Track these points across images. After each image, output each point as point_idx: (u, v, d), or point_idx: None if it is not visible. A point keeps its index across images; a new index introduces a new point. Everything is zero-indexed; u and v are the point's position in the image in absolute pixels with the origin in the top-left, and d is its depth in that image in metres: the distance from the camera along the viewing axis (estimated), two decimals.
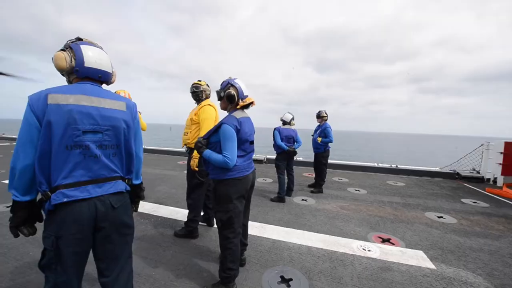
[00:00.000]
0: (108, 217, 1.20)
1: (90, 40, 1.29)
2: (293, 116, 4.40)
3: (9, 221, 1.15)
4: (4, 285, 1.84)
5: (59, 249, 1.10)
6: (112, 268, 1.27)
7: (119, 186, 1.27)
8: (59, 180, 1.10)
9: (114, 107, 1.25)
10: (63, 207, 1.10)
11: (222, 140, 1.66)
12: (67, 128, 1.10)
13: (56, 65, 1.20)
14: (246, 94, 1.82)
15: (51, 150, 1.09)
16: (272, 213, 3.46)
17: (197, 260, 2.24)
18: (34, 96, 1.10)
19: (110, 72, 1.32)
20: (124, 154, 1.31)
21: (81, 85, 1.20)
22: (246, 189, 1.81)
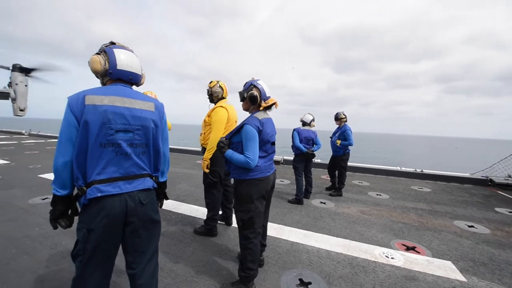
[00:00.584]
0: (137, 213, 1.26)
1: (122, 44, 1.36)
2: (313, 117, 4.34)
3: (49, 214, 1.24)
4: (41, 272, 1.99)
5: (90, 241, 1.17)
6: (139, 261, 1.33)
7: (147, 183, 1.33)
8: (93, 176, 1.17)
9: (144, 107, 1.31)
10: (96, 202, 1.17)
11: (244, 140, 1.68)
12: (102, 127, 1.17)
13: (92, 67, 1.28)
14: (268, 95, 1.83)
15: (88, 147, 1.16)
16: (290, 215, 3.43)
17: (216, 258, 2.28)
18: (73, 97, 1.18)
19: (140, 74, 1.39)
20: (152, 152, 1.36)
21: (114, 87, 1.27)
22: (266, 190, 1.81)
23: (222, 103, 2.66)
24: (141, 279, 1.34)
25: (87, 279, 1.20)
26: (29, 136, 13.89)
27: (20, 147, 9.31)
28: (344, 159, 4.60)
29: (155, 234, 1.39)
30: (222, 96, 2.73)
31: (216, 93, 2.71)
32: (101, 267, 1.24)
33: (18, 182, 4.50)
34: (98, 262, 1.21)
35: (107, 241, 1.21)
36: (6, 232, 2.60)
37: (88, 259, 1.18)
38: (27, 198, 3.66)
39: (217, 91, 2.71)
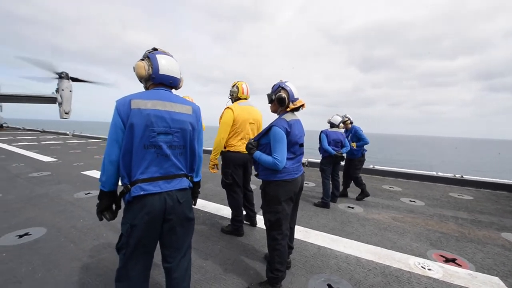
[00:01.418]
0: (175, 211, 1.34)
1: (163, 49, 1.44)
2: (342, 118, 4.21)
3: (96, 207, 1.36)
4: (85, 260, 2.19)
5: (132, 236, 1.26)
6: (174, 256, 1.41)
7: (184, 183, 1.41)
8: (137, 175, 1.27)
9: (182, 111, 1.39)
10: (139, 199, 1.26)
11: (272, 142, 1.70)
12: (146, 129, 1.26)
13: (137, 73, 1.38)
14: (296, 97, 1.82)
15: (132, 149, 1.25)
16: (316, 218, 3.36)
17: (243, 257, 2.32)
18: (120, 101, 1.28)
19: (179, 78, 1.47)
20: (188, 153, 1.44)
21: (157, 91, 1.36)
22: (294, 192, 1.81)
23: (233, 105, 2.69)
24: (176, 273, 1.41)
25: (130, 270, 1.30)
26: (72, 136, 15.36)
27: (65, 146, 10.30)
28: (362, 161, 4.41)
29: (189, 231, 1.46)
30: (238, 96, 2.74)
31: (231, 92, 2.76)
32: (142, 259, 1.33)
33: (64, 178, 4.99)
34: (139, 255, 1.30)
35: (147, 237, 1.30)
36: (56, 223, 2.90)
37: (131, 252, 1.28)
38: (72, 193, 4.04)
39: (233, 90, 2.75)
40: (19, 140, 12.06)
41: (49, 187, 4.35)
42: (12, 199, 3.67)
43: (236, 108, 2.61)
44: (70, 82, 22.33)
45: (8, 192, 3.96)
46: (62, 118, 22.93)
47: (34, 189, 4.18)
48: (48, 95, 22.38)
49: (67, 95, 22.29)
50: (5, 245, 2.38)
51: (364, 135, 4.33)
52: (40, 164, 6.39)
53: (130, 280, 1.30)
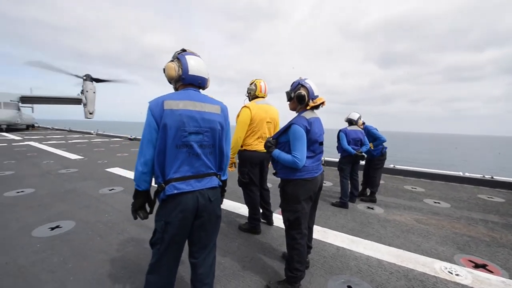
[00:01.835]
0: (206, 209, 1.37)
1: (191, 50, 1.47)
2: (360, 114, 4.09)
3: (131, 206, 1.41)
4: (111, 253, 2.29)
5: (167, 232, 1.31)
6: (201, 252, 1.45)
7: (214, 182, 1.44)
8: (170, 174, 1.30)
9: (212, 110, 1.41)
10: (173, 198, 1.30)
11: (291, 140, 1.68)
12: (178, 130, 1.29)
13: (167, 74, 1.41)
14: (316, 94, 1.79)
15: (166, 148, 1.29)
16: (334, 218, 3.30)
17: (261, 255, 2.32)
18: (153, 103, 1.31)
19: (207, 78, 1.49)
20: (217, 153, 1.47)
21: (187, 92, 1.39)
22: (314, 191, 1.78)
23: (250, 103, 2.68)
24: (202, 269, 1.45)
25: (162, 265, 1.35)
26: (96, 135, 16.15)
27: (90, 145, 10.86)
28: (382, 160, 4.23)
29: (217, 229, 1.50)
30: (255, 94, 2.73)
31: (249, 90, 2.75)
32: (174, 255, 1.38)
33: (90, 175, 5.27)
34: (172, 251, 1.35)
35: (180, 233, 1.34)
36: (84, 217, 3.07)
37: (165, 248, 1.33)
38: (97, 189, 4.26)
39: (250, 88, 2.75)
40: (48, 139, 12.89)
41: (76, 183, 4.61)
42: (44, 194, 3.94)
43: (253, 106, 2.61)
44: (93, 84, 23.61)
45: (40, 188, 4.25)
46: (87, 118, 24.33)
47: (63, 185, 4.45)
48: (74, 97, 23.79)
49: (91, 96, 23.60)
50: (39, 237, 2.56)
51: (378, 133, 4.18)
52: (68, 161, 6.80)
53: (161, 274, 1.36)
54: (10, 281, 1.88)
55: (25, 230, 2.68)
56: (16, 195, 3.85)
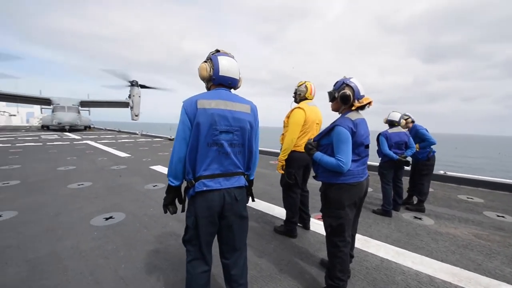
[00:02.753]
0: (232, 208, 1.39)
1: (225, 50, 1.49)
2: (401, 114, 3.74)
3: (163, 200, 1.48)
4: (156, 245, 2.46)
5: (198, 228, 1.36)
6: (231, 253, 1.47)
7: (241, 181, 1.46)
8: (200, 172, 1.35)
9: (242, 110, 1.43)
10: (201, 194, 1.34)
11: (335, 142, 1.61)
12: (210, 128, 1.32)
13: (200, 74, 1.45)
14: (362, 94, 1.69)
15: (198, 146, 1.33)
16: (376, 227, 3.07)
17: (298, 260, 2.27)
18: (187, 102, 1.36)
19: (238, 78, 1.49)
20: (246, 152, 1.48)
21: (218, 91, 1.42)
22: (359, 197, 1.68)
23: (302, 104, 2.62)
24: (234, 270, 1.47)
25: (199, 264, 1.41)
26: (141, 136, 17.65)
27: (136, 144, 11.91)
28: (428, 165, 3.78)
29: (244, 229, 1.50)
30: (305, 96, 2.68)
31: (300, 92, 2.69)
32: (207, 250, 1.42)
33: (137, 171, 5.77)
34: (204, 246, 1.40)
35: (208, 231, 1.38)
36: (132, 210, 3.36)
37: (198, 244, 1.38)
38: (143, 184, 4.64)
39: (301, 90, 2.68)
40: (102, 138, 14.50)
41: (125, 178, 5.08)
42: (100, 187, 4.42)
43: (306, 108, 2.57)
44: (139, 89, 26.01)
45: (96, 182, 4.78)
46: (133, 120, 26.87)
47: (115, 180, 4.94)
48: (123, 101, 26.48)
49: (137, 100, 26.02)
50: (96, 225, 2.87)
51: (428, 135, 3.76)
52: (118, 159, 7.54)
53: (194, 270, 1.41)
54: (75, 263, 2.14)
55: (85, 219, 3.03)
56: (78, 187, 4.40)
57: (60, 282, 1.90)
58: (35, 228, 2.77)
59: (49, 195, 3.93)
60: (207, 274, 1.45)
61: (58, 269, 2.06)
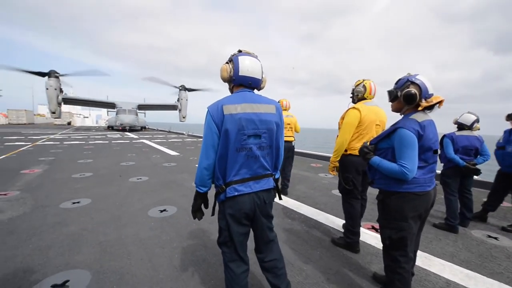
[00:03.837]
0: (261, 210, 1.41)
1: (247, 50, 1.46)
2: (477, 117, 3.22)
3: (191, 207, 1.53)
4: (204, 239, 2.60)
5: (230, 229, 1.39)
6: (263, 249, 1.52)
7: (270, 183, 1.46)
8: (231, 177, 1.36)
9: (268, 111, 1.41)
10: (231, 198, 1.36)
11: (398, 147, 1.46)
12: (237, 133, 1.31)
13: (221, 76, 1.45)
14: (431, 93, 1.50)
15: (227, 152, 1.33)
16: (439, 244, 2.70)
17: (347, 270, 2.13)
18: (213, 107, 1.34)
19: (260, 78, 1.45)
20: (274, 153, 1.47)
21: (242, 94, 1.39)
22: (425, 209, 1.49)
23: (358, 104, 2.44)
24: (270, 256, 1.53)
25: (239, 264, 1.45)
26: (187, 136, 19.01)
27: (183, 143, 12.86)
28: None
29: (272, 227, 1.53)
30: (363, 96, 2.48)
31: (357, 92, 2.50)
32: (241, 250, 1.45)
33: (185, 169, 6.22)
34: (238, 247, 1.43)
35: (240, 232, 1.41)
36: (183, 204, 3.62)
37: (233, 245, 1.42)
38: (191, 182, 4.96)
39: (359, 90, 2.49)
40: (155, 137, 16.06)
41: (176, 175, 5.52)
42: (155, 182, 4.88)
43: (363, 108, 2.37)
44: (186, 92, 28.21)
45: (152, 177, 5.30)
46: (181, 121, 29.26)
47: (167, 176, 5.41)
48: (172, 104, 29.05)
49: (184, 103, 28.29)
50: (153, 216, 3.17)
51: None
52: (169, 156, 8.25)
53: (234, 271, 1.44)
54: (135, 249, 2.39)
55: (144, 210, 3.38)
56: (137, 181, 4.93)
57: (125, 265, 2.14)
58: (104, 215, 3.19)
59: (114, 186, 4.51)
60: (247, 274, 1.48)
61: (123, 253, 2.33)
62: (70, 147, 10.10)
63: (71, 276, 1.97)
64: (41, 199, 3.73)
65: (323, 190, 4.65)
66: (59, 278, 1.94)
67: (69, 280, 1.91)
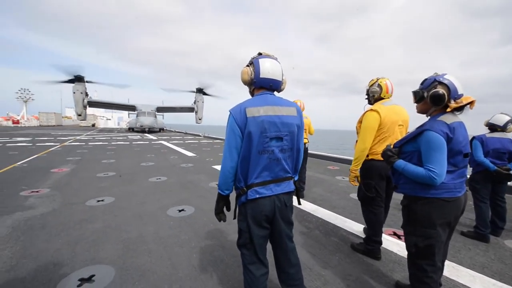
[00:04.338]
0: (281, 213, 1.40)
1: (267, 53, 1.47)
2: (510, 118, 3.00)
3: (214, 209, 1.53)
4: (222, 240, 2.63)
5: (251, 231, 1.38)
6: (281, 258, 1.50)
7: (291, 186, 1.45)
8: (252, 179, 1.36)
9: (289, 113, 1.40)
10: (252, 201, 1.36)
11: (425, 150, 1.39)
12: (260, 136, 1.32)
13: (242, 79, 1.46)
14: (461, 93, 1.42)
15: (250, 155, 1.33)
16: (468, 253, 2.54)
17: (367, 278, 2.06)
18: (236, 110, 1.35)
19: (281, 80, 1.45)
20: (295, 155, 1.46)
21: (264, 96, 1.40)
22: (455, 216, 1.41)
23: (376, 105, 2.30)
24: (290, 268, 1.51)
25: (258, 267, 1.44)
26: (203, 137, 19.36)
27: (200, 145, 13.11)
28: None
29: (291, 233, 1.51)
30: (380, 96, 2.34)
31: (373, 93, 2.35)
32: (261, 252, 1.45)
33: (202, 170, 6.33)
34: (258, 249, 1.43)
35: (260, 234, 1.41)
36: (200, 205, 3.69)
37: (253, 248, 1.42)
38: (208, 182, 5.04)
39: (374, 90, 2.34)
40: (172, 139, 16.51)
41: (193, 176, 5.63)
42: (173, 182, 5.02)
43: (382, 109, 2.23)
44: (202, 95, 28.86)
45: (170, 177, 5.45)
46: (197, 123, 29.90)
47: (185, 176, 5.53)
48: (189, 106, 29.80)
49: (201, 105, 28.93)
50: (172, 216, 3.26)
51: None
52: (186, 157, 8.44)
53: (254, 274, 1.43)
54: (155, 247, 2.46)
55: (163, 209, 3.48)
56: (156, 181, 5.09)
57: (146, 262, 2.21)
58: (126, 213, 3.32)
59: (135, 186, 4.68)
60: (266, 277, 1.48)
61: (144, 250, 2.41)
62: (95, 148, 10.65)
63: (97, 271, 2.07)
64: (69, 197, 3.95)
65: (341, 193, 4.53)
66: (86, 272, 2.05)
67: (95, 275, 2.01)
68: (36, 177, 5.20)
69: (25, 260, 2.19)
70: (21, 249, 2.38)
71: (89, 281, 1.95)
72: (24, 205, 3.54)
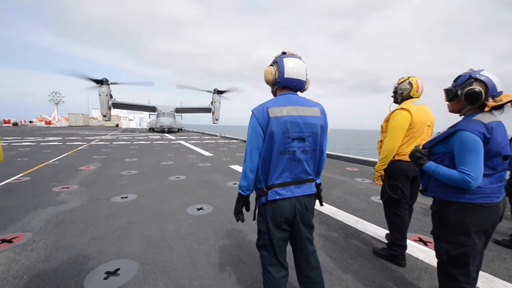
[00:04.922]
0: (302, 216, 1.37)
1: (291, 52, 1.43)
2: None
3: (234, 209, 1.53)
4: (239, 239, 2.64)
5: (271, 232, 1.36)
6: (301, 262, 1.48)
7: (312, 189, 1.41)
8: (273, 180, 1.34)
9: (313, 114, 1.36)
10: (272, 202, 1.34)
11: (459, 151, 1.29)
12: (282, 136, 1.29)
13: (265, 78, 1.44)
14: (500, 90, 1.31)
15: (271, 155, 1.32)
16: (503, 263, 2.34)
17: (392, 285, 1.96)
18: (258, 110, 1.33)
19: (305, 80, 1.41)
20: (317, 157, 1.41)
21: (287, 96, 1.37)
22: (493, 223, 1.30)
23: (406, 104, 2.19)
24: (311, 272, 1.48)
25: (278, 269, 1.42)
26: (220, 137, 19.63)
27: (216, 145, 13.31)
28: None
29: (311, 237, 1.48)
30: (409, 94, 2.24)
31: (402, 90, 2.25)
32: (281, 255, 1.43)
33: (219, 169, 6.42)
34: (277, 251, 1.41)
35: (280, 236, 1.39)
36: (218, 204, 3.74)
37: (273, 249, 1.40)
38: (225, 181, 5.10)
39: (404, 88, 2.24)
40: (190, 139, 16.91)
41: (210, 175, 5.72)
42: (191, 181, 5.13)
43: (412, 108, 2.15)
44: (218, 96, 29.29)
45: (188, 176, 5.57)
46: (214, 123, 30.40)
47: (202, 176, 5.64)
48: (206, 107, 30.38)
49: (217, 106, 29.38)
50: (191, 214, 3.33)
51: None
52: (203, 157, 8.60)
53: (274, 276, 1.41)
54: (176, 244, 2.53)
55: (183, 207, 3.56)
56: (176, 179, 5.24)
57: (167, 259, 2.28)
58: (148, 210, 3.44)
59: (156, 184, 4.85)
60: (286, 279, 1.46)
61: (165, 247, 2.48)
62: (118, 147, 11.18)
63: (122, 265, 2.16)
64: (96, 193, 4.18)
65: (361, 195, 4.38)
66: (112, 266, 2.14)
67: (119, 269, 2.10)
68: (66, 174, 5.56)
69: (57, 252, 2.34)
70: (54, 241, 2.55)
71: (115, 274, 2.04)
72: (56, 200, 3.79)
